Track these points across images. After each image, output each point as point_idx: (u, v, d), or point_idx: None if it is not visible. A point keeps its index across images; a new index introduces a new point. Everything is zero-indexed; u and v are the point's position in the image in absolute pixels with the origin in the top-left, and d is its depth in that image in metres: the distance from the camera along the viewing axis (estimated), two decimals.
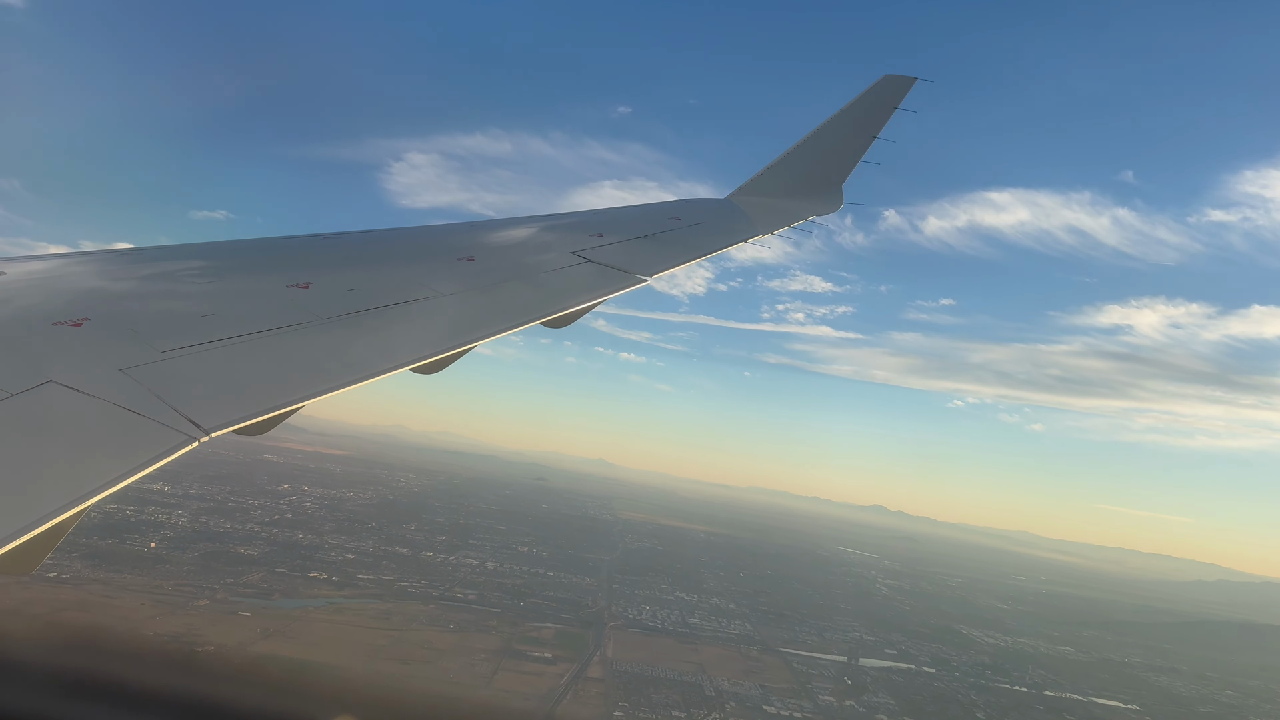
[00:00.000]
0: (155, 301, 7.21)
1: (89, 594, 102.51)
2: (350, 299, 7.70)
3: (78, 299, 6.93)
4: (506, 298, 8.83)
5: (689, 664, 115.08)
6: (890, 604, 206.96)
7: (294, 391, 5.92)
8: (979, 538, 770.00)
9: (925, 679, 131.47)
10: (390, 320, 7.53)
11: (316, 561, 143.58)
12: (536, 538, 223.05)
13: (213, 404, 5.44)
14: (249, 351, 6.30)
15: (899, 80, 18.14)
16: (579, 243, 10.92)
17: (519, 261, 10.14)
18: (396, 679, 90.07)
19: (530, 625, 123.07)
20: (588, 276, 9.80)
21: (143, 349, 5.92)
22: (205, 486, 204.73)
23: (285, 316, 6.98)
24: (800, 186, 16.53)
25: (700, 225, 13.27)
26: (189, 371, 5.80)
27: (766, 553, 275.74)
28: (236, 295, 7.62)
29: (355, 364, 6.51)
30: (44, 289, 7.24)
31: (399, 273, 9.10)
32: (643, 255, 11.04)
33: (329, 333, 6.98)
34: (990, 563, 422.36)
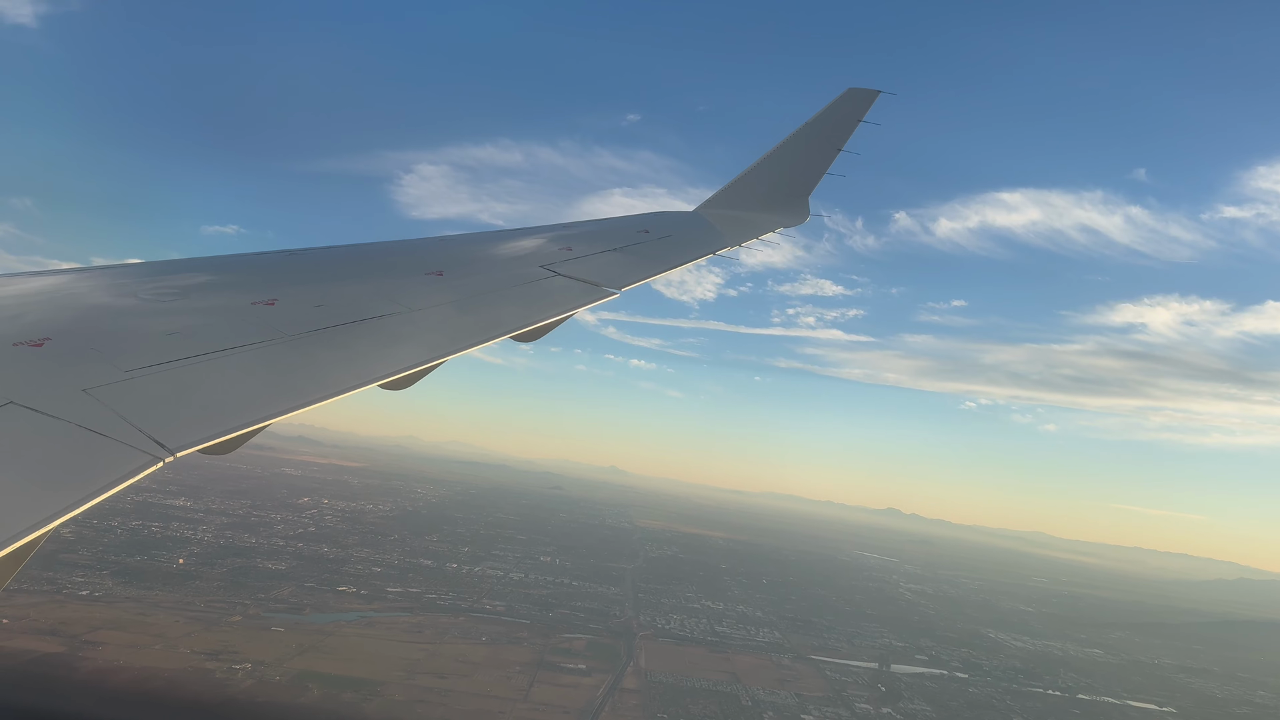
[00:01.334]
0: (118, 320, 7.03)
1: (123, 612, 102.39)
2: (316, 315, 7.62)
3: (39, 319, 6.76)
4: (475, 312, 8.74)
5: (723, 673, 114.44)
6: (915, 608, 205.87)
7: (260, 409, 5.81)
8: (995, 539, 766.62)
9: (959, 684, 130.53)
10: (357, 336, 7.42)
11: (344, 575, 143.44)
12: (558, 547, 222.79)
13: (177, 423, 5.35)
14: (214, 370, 6.19)
15: (863, 93, 18.33)
16: (548, 256, 10.92)
17: (487, 276, 10.04)
18: (437, 694, 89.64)
19: (561, 636, 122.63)
20: (556, 290, 9.77)
21: (106, 369, 5.80)
22: (227, 501, 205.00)
23: (251, 334, 6.89)
24: (767, 199, 16.67)
25: (669, 238, 13.30)
26: (153, 391, 5.68)
27: (787, 559, 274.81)
28: (201, 313, 7.45)
29: (322, 381, 6.42)
30: (3, 309, 7.07)
31: (366, 288, 8.99)
32: (611, 268, 11.01)
33: (295, 350, 6.86)
34: (1009, 565, 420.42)
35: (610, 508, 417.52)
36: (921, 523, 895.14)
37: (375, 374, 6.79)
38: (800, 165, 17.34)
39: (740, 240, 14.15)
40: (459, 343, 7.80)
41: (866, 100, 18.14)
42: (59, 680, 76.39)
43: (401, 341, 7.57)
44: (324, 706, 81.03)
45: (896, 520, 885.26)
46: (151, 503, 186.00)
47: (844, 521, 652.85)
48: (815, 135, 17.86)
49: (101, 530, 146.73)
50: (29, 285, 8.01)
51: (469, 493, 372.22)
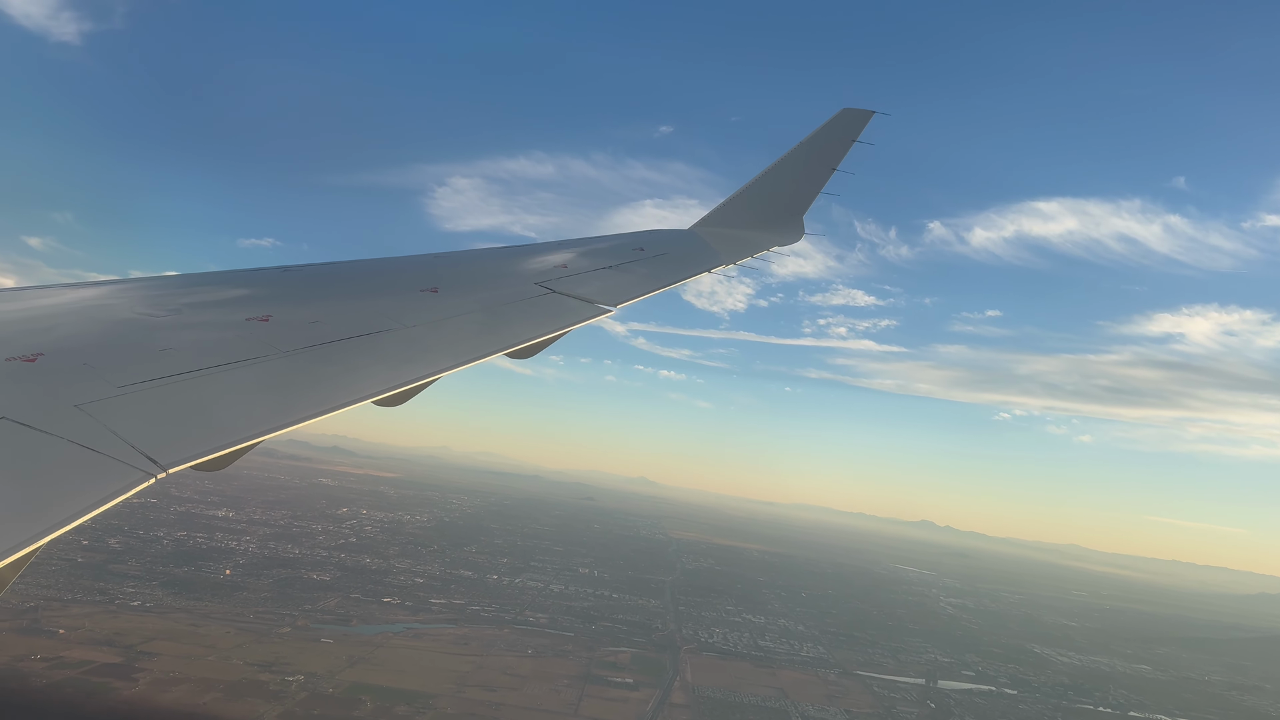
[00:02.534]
0: (112, 336, 7.02)
1: (175, 623, 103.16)
2: (311, 331, 7.63)
3: (32, 334, 6.78)
4: (469, 329, 8.76)
5: (770, 689, 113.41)
6: (957, 623, 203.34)
7: (253, 426, 5.80)
8: (1030, 552, 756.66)
9: (1008, 701, 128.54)
10: (351, 352, 7.41)
11: (387, 586, 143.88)
12: (595, 559, 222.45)
13: (170, 439, 5.34)
14: (207, 386, 6.20)
15: (857, 114, 18.41)
16: (543, 273, 10.97)
17: (482, 293, 10.01)
18: (487, 707, 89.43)
19: (606, 650, 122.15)
20: (551, 307, 9.81)
21: (99, 384, 5.80)
22: (268, 512, 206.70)
23: (245, 350, 6.88)
24: (762, 218, 16.75)
25: (664, 256, 13.39)
26: (146, 407, 5.67)
27: (824, 572, 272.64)
28: (195, 328, 7.48)
29: (315, 397, 6.43)
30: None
31: (361, 304, 9.03)
32: (607, 285, 11.05)
33: (289, 366, 6.86)
34: (1047, 578, 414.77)
35: (643, 519, 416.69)
36: (956, 535, 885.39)
37: (369, 390, 6.81)
38: (795, 185, 17.52)
39: (735, 259, 14.22)
40: (453, 359, 7.81)
41: (861, 120, 18.25)
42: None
43: (396, 358, 7.56)
44: None
45: (930, 533, 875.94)
46: (195, 513, 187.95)
47: (877, 534, 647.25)
48: (810, 155, 18.07)
49: (148, 541, 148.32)
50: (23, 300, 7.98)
51: (503, 503, 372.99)
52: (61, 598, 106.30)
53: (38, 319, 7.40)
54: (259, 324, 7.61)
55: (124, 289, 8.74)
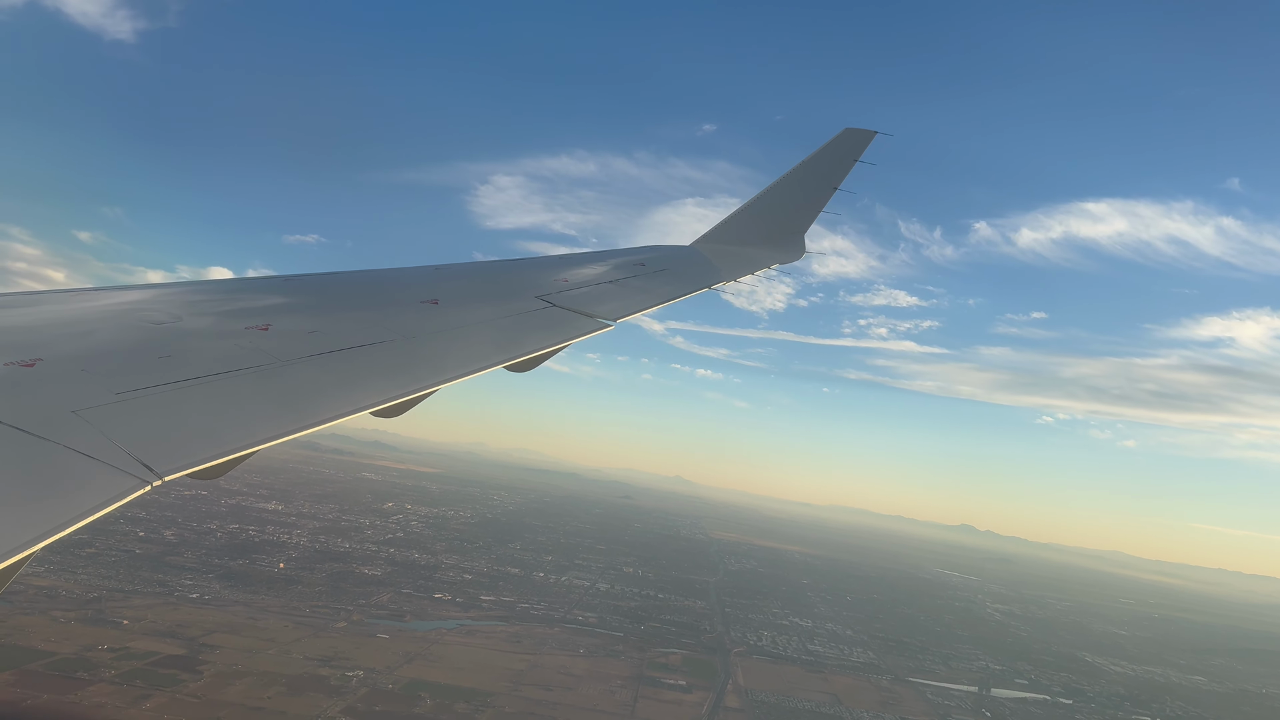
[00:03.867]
0: (110, 342, 6.96)
1: (234, 615, 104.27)
2: (310, 341, 7.60)
3: (30, 339, 6.74)
4: (469, 341, 8.73)
5: (823, 694, 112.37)
6: (1006, 630, 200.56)
7: (250, 435, 5.76)
8: (1073, 558, 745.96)
9: (1064, 711, 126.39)
10: (350, 363, 7.37)
11: (438, 582, 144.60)
12: (638, 558, 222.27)
13: (167, 447, 5.29)
14: (205, 394, 6.15)
15: (859, 134, 18.54)
16: (544, 287, 10.97)
17: (483, 305, 10.04)
18: (545, 706, 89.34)
19: (657, 651, 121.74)
20: (551, 321, 9.81)
21: (96, 390, 5.75)
22: (316, 506, 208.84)
23: (243, 358, 6.86)
24: (763, 235, 16.85)
25: (665, 272, 13.40)
26: (143, 414, 5.62)
27: (868, 575, 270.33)
28: (194, 336, 7.37)
29: (313, 407, 6.39)
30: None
31: (361, 315, 8.97)
32: (607, 300, 11.04)
33: (287, 375, 6.83)
34: (1092, 585, 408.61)
35: (682, 519, 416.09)
36: (997, 540, 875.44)
37: (367, 401, 6.78)
38: (797, 203, 17.61)
39: (735, 275, 14.25)
40: (452, 371, 7.79)
41: (863, 140, 18.37)
42: None
43: (394, 369, 7.53)
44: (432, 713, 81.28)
45: (971, 537, 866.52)
46: (245, 506, 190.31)
47: (918, 538, 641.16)
48: (812, 174, 18.12)
49: (202, 533, 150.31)
50: (22, 305, 7.93)
51: (543, 500, 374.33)
52: (123, 588, 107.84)
53: (36, 324, 7.33)
54: (258, 333, 7.58)
55: (124, 296, 8.67)
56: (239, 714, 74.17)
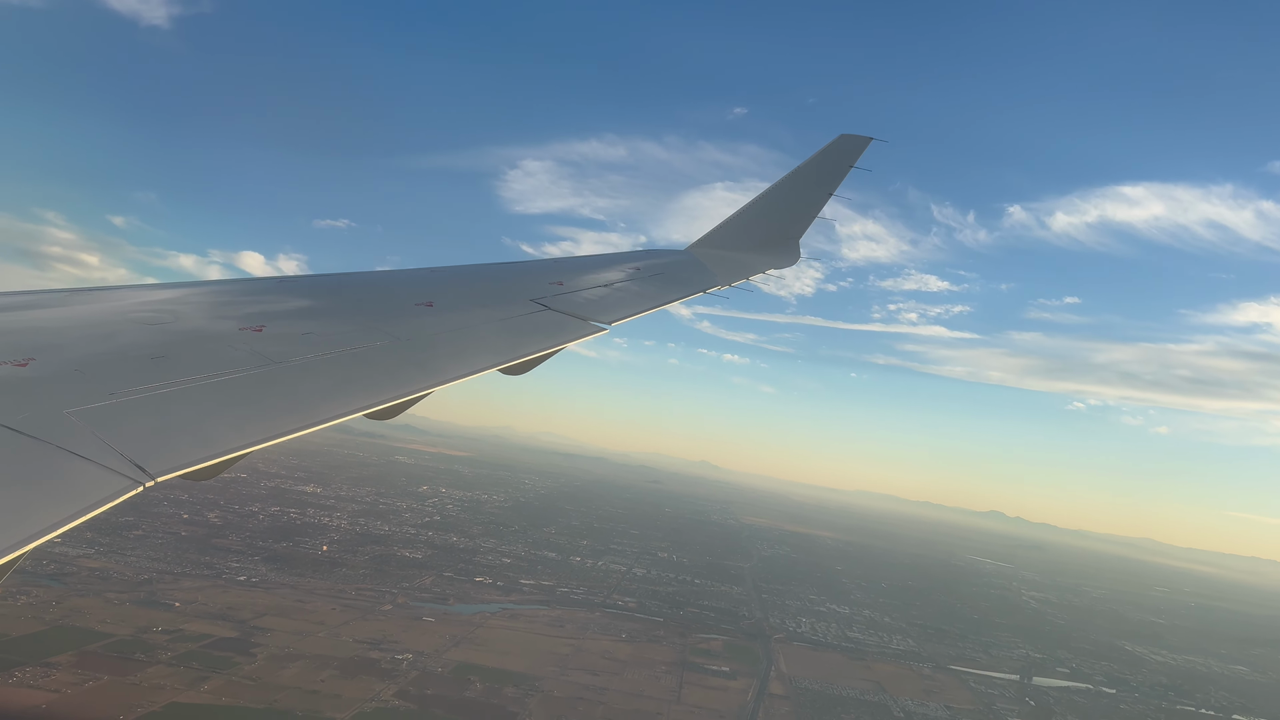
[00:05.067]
0: (104, 342, 6.98)
1: (282, 598, 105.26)
2: (304, 343, 7.63)
3: (24, 339, 6.79)
4: (463, 344, 8.75)
5: (866, 682, 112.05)
6: (1043, 618, 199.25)
7: (244, 436, 5.78)
8: (1104, 545, 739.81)
9: (1108, 700, 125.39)
10: (344, 365, 7.39)
11: (477, 565, 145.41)
12: (671, 543, 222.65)
13: (160, 448, 5.30)
14: (198, 395, 6.17)
15: (855, 139, 18.61)
16: (539, 290, 11.01)
17: (477, 308, 10.05)
18: (593, 691, 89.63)
19: (698, 636, 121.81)
20: (546, 324, 9.85)
21: (90, 391, 5.79)
22: (354, 489, 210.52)
23: (237, 360, 6.89)
24: (759, 240, 16.95)
25: (660, 276, 13.45)
26: (137, 414, 5.64)
27: (901, 562, 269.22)
28: (188, 337, 7.39)
29: (306, 409, 6.41)
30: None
31: (355, 317, 8.99)
32: (602, 303, 11.12)
33: (281, 377, 6.84)
34: (1125, 572, 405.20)
35: (712, 504, 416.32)
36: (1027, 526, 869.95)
37: (361, 403, 6.80)
38: (792, 208, 17.65)
39: (731, 280, 14.29)
40: (447, 374, 7.79)
41: (859, 146, 18.42)
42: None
43: (388, 371, 7.54)
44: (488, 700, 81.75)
45: (1001, 523, 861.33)
46: (285, 489, 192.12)
47: (947, 524, 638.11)
48: (807, 179, 18.19)
49: (245, 515, 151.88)
50: (15, 304, 7.96)
51: (573, 484, 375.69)
52: (172, 570, 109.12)
53: (30, 324, 7.39)
54: (252, 334, 7.60)
55: (118, 296, 8.68)
56: (295, 697, 74.84)
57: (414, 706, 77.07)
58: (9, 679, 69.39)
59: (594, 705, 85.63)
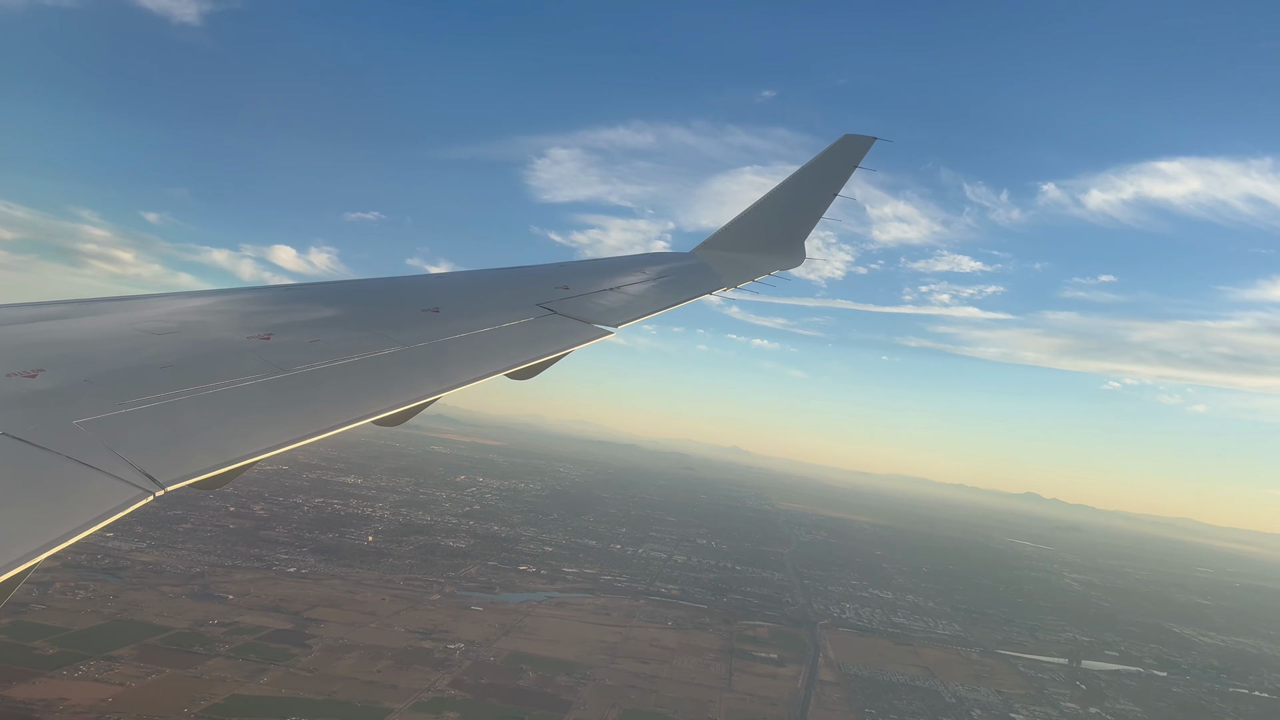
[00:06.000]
0: (112, 352, 7.05)
1: (332, 589, 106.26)
2: (312, 350, 7.66)
3: (33, 350, 6.82)
4: (470, 349, 8.75)
5: (916, 667, 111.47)
6: (1087, 600, 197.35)
7: (252, 445, 5.82)
8: (1144, 526, 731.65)
9: (1160, 684, 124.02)
10: (351, 372, 7.40)
11: (520, 554, 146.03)
12: (710, 530, 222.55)
13: (169, 457, 5.34)
14: (207, 404, 6.20)
15: (859, 140, 18.70)
16: (545, 294, 11.06)
17: (484, 313, 10.04)
18: (644, 679, 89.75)
19: (743, 623, 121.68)
20: (552, 328, 9.94)
21: (99, 401, 5.84)
22: (393, 479, 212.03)
23: (245, 368, 6.92)
24: (764, 242, 17.05)
25: (665, 279, 13.56)
26: (146, 424, 5.68)
27: (940, 546, 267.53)
28: (195, 346, 7.46)
29: (314, 417, 6.43)
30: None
31: (362, 324, 9.05)
32: (608, 307, 11.21)
33: (289, 385, 6.86)
34: (1167, 553, 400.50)
35: (746, 490, 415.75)
36: (1063, 508, 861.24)
37: (369, 410, 6.83)
38: (797, 209, 17.78)
39: (736, 282, 14.48)
40: (453, 380, 7.84)
41: (863, 146, 18.51)
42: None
43: (396, 378, 7.57)
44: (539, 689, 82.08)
45: (1037, 505, 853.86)
46: (326, 480, 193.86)
47: (983, 506, 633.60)
48: (811, 180, 18.26)
49: (289, 507, 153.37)
50: (24, 316, 8.00)
51: (607, 472, 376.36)
52: (223, 563, 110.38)
53: (39, 335, 7.44)
54: (260, 342, 7.65)
55: (126, 306, 8.73)
56: (353, 688, 75.49)
57: (470, 696, 77.53)
58: (74, 672, 70.54)
59: (646, 694, 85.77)
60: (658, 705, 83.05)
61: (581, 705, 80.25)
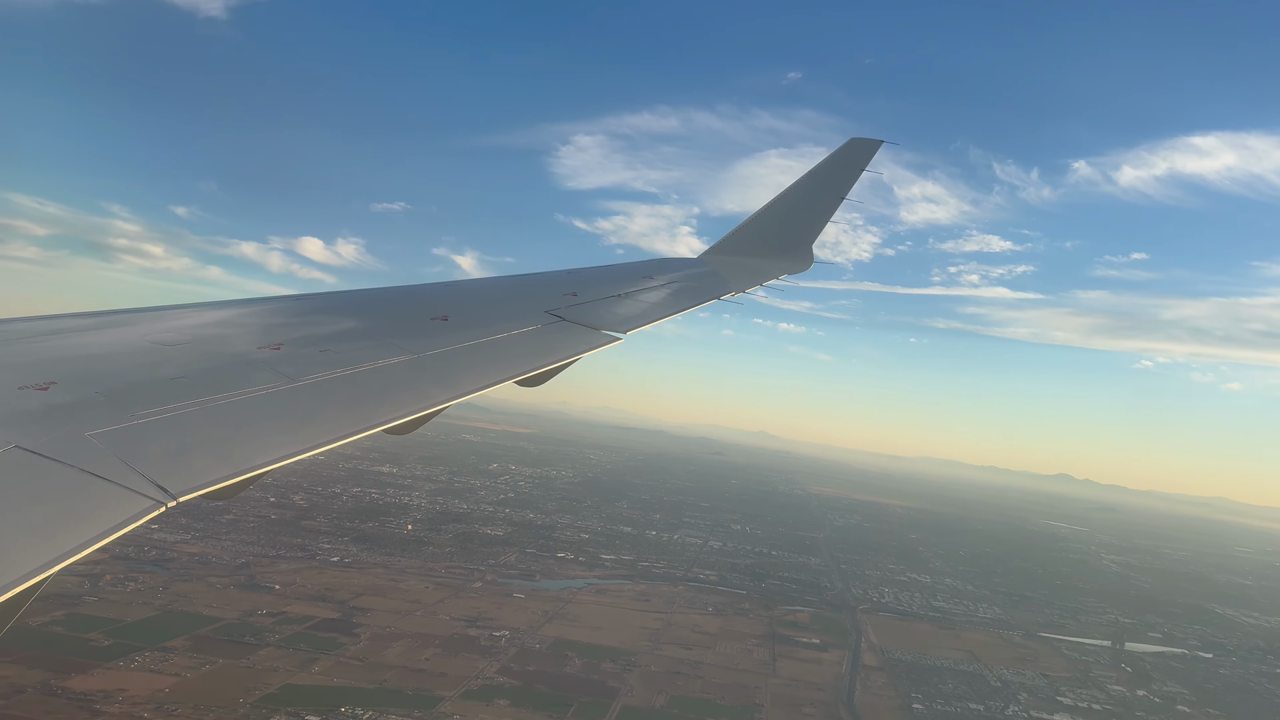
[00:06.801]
0: (123, 364, 7.08)
1: (376, 578, 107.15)
2: (321, 360, 7.69)
3: (45, 362, 6.90)
4: (479, 357, 8.73)
5: (959, 651, 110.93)
6: (1127, 582, 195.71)
7: (263, 455, 5.81)
8: (1178, 506, 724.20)
9: (1206, 665, 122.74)
10: (361, 381, 7.43)
11: (558, 541, 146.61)
12: (743, 515, 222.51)
13: (180, 468, 5.36)
14: (217, 414, 6.22)
15: (866, 143, 18.79)
16: (553, 301, 11.06)
17: (492, 320, 10.04)
18: (689, 665, 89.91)
19: (783, 609, 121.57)
20: (561, 335, 9.91)
21: (110, 413, 5.88)
22: (428, 468, 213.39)
23: (255, 378, 6.95)
24: (771, 246, 17.02)
25: (673, 284, 13.59)
26: (157, 435, 5.71)
27: (975, 529, 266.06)
28: (206, 357, 7.48)
29: (325, 426, 6.42)
30: (9, 352, 7.19)
31: (371, 333, 9.10)
32: (616, 313, 11.18)
33: (299, 394, 6.88)
34: (1204, 533, 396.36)
35: (776, 474, 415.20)
36: (1096, 489, 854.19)
37: (379, 419, 6.83)
38: (804, 213, 17.76)
39: (744, 286, 14.41)
40: (463, 388, 7.82)
41: (869, 150, 18.57)
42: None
43: (405, 387, 7.57)
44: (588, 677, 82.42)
45: (1069, 486, 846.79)
46: (362, 470, 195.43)
47: (1015, 488, 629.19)
48: (819, 184, 18.32)
49: (328, 497, 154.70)
50: (36, 329, 8.07)
51: (637, 459, 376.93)
52: (267, 553, 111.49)
53: (50, 348, 7.51)
54: (270, 352, 7.69)
55: (136, 319, 8.78)
56: (403, 676, 76.12)
57: (519, 683, 77.92)
58: (130, 663, 71.55)
59: (692, 680, 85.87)
60: (704, 691, 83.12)
61: (629, 692, 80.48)
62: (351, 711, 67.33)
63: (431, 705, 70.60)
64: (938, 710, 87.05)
